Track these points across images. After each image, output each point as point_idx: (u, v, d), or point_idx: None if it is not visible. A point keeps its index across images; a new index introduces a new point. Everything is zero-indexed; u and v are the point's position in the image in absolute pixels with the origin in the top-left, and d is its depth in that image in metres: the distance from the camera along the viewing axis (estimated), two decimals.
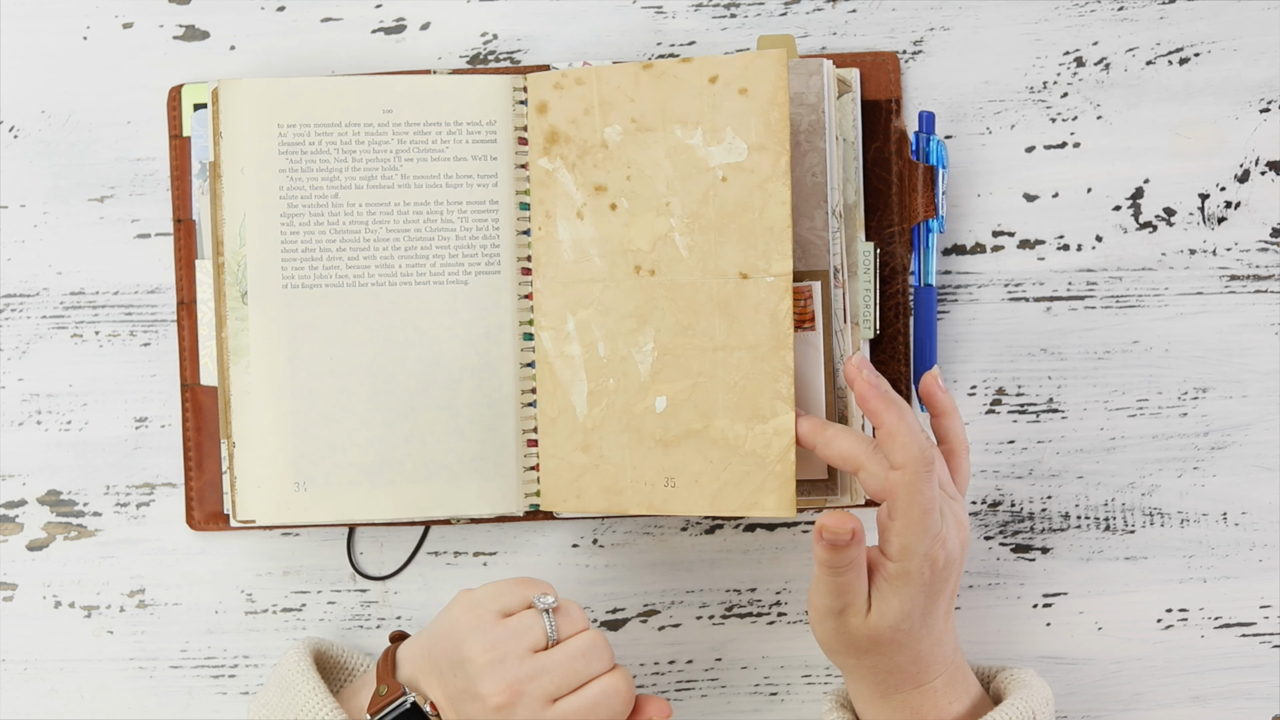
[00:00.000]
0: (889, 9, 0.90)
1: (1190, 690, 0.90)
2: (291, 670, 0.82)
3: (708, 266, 0.82)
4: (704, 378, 0.83)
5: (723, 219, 0.82)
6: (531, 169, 0.87)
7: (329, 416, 0.86)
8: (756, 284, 0.81)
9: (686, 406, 0.83)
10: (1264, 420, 0.90)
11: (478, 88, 0.87)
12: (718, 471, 0.82)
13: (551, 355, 0.86)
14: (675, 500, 0.83)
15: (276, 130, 0.86)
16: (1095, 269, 0.90)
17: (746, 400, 0.82)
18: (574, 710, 0.76)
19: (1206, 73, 0.90)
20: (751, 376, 0.82)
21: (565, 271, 0.86)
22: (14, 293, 0.90)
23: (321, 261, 0.86)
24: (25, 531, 0.90)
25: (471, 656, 0.76)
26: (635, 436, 0.84)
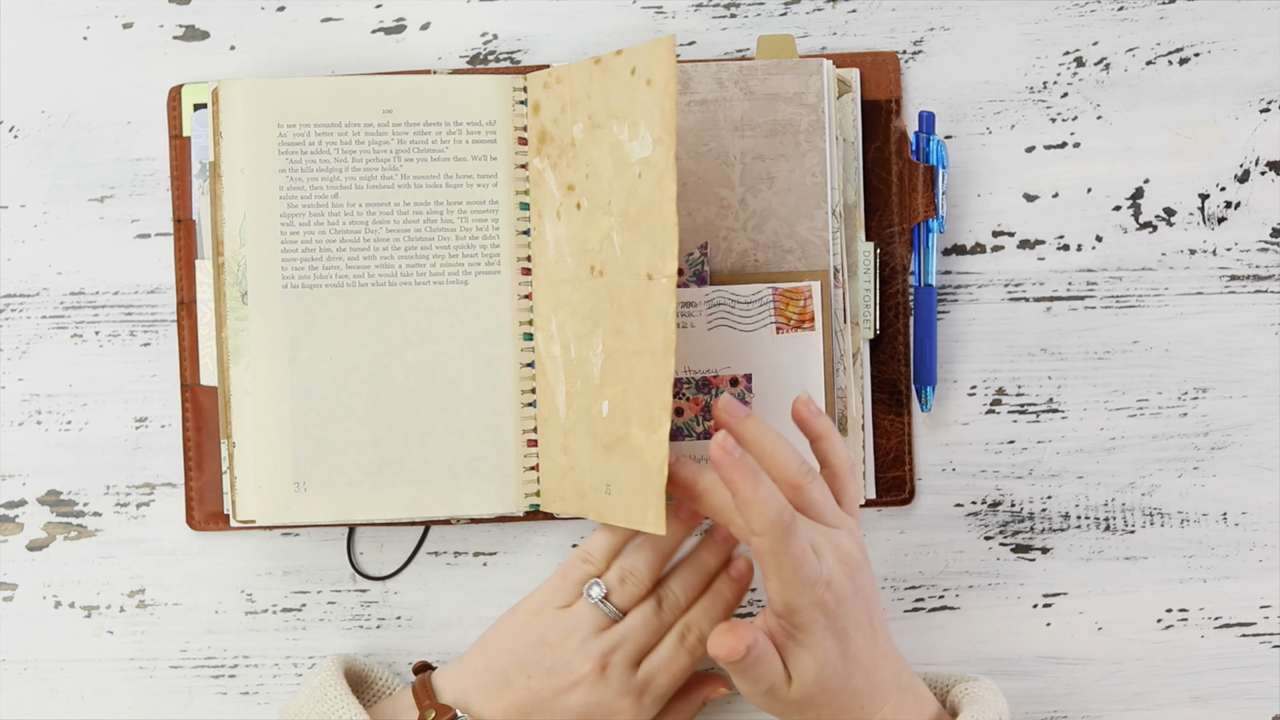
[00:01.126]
0: (889, 9, 0.90)
1: (1190, 690, 0.90)
2: (324, 687, 0.81)
3: (630, 266, 0.80)
4: (628, 383, 0.80)
5: (639, 217, 0.79)
6: (530, 169, 0.87)
7: (329, 416, 0.86)
8: (655, 285, 0.78)
9: (619, 411, 0.80)
10: (1264, 420, 0.90)
11: (478, 88, 0.86)
12: (627, 480, 0.80)
13: (543, 356, 0.86)
14: (611, 508, 0.81)
15: (276, 130, 0.86)
16: (1095, 269, 0.90)
17: (647, 408, 0.78)
18: (656, 667, 0.81)
19: (1206, 73, 0.90)
20: (650, 383, 0.78)
21: (550, 272, 0.86)
22: (14, 293, 0.90)
23: (321, 261, 0.86)
24: (25, 531, 0.90)
25: (554, 643, 0.81)
26: (592, 440, 0.83)
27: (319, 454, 0.86)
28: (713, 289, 0.86)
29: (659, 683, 0.82)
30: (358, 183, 0.86)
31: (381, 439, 0.86)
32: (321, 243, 0.86)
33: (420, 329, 0.86)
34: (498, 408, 0.87)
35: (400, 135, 0.86)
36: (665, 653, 0.82)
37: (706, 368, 0.86)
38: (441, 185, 0.87)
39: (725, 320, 0.86)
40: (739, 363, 0.86)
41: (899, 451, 0.89)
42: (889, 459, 0.89)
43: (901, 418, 0.89)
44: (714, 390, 0.86)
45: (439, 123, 0.86)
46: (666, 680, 0.82)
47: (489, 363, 0.87)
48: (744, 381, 0.86)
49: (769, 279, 0.86)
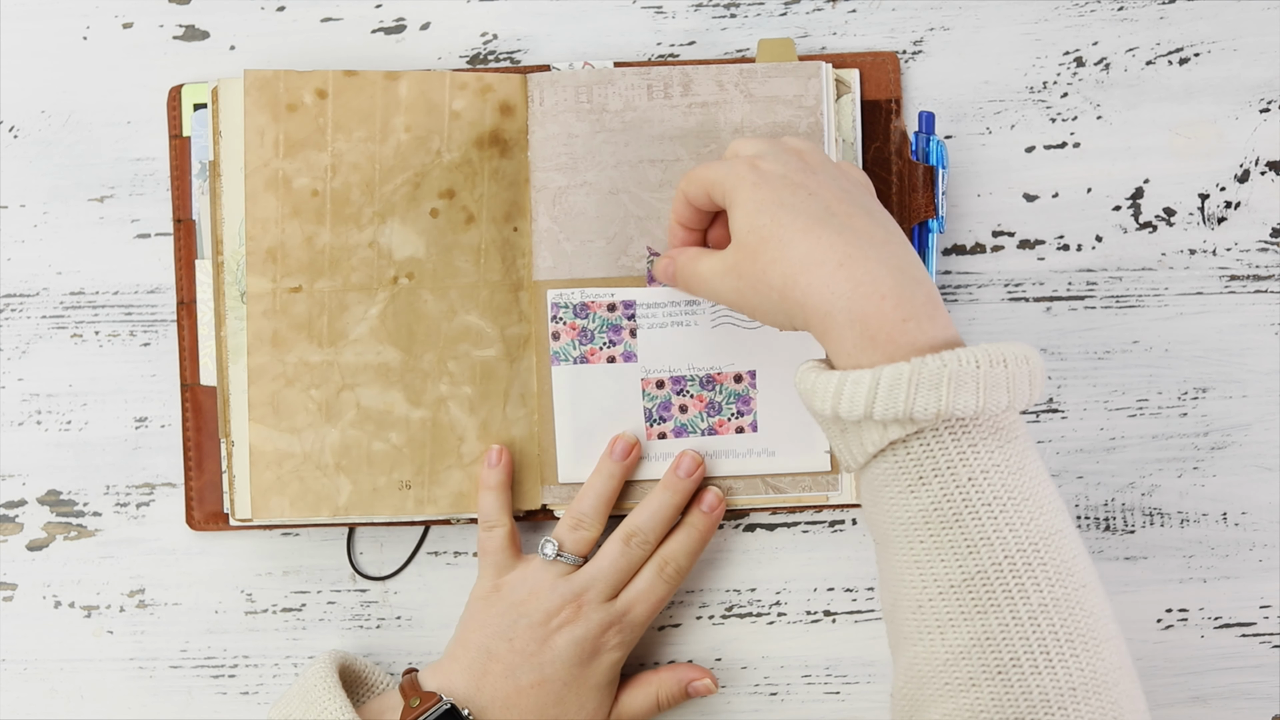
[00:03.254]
0: (889, 9, 0.90)
1: (1190, 690, 0.90)
2: (316, 684, 0.82)
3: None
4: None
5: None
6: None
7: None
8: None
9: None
10: (1264, 420, 0.90)
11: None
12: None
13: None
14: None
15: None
16: (1095, 269, 0.90)
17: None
18: (635, 597, 0.84)
19: (1206, 73, 0.90)
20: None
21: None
22: (14, 293, 0.90)
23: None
24: (25, 531, 0.90)
25: (524, 600, 0.83)
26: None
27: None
28: None
29: (638, 611, 0.84)
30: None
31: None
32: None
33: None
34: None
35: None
36: (644, 582, 0.85)
37: (710, 364, 0.86)
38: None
39: (729, 317, 0.86)
40: (742, 359, 0.86)
41: None
42: None
43: None
44: (718, 386, 0.86)
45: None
46: (645, 609, 0.85)
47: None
48: (748, 377, 0.86)
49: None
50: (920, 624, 0.68)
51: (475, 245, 0.86)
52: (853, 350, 0.69)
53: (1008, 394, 0.68)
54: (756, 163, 0.75)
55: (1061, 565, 0.67)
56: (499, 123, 0.86)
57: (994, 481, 0.68)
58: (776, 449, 0.87)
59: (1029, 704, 0.65)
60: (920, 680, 0.69)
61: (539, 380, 0.87)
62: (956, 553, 0.67)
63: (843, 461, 0.72)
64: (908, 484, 0.69)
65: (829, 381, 0.69)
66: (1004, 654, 0.66)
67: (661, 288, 0.86)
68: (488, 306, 0.86)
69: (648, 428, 0.87)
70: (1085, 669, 0.66)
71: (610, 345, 0.86)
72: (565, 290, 0.86)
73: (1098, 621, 0.68)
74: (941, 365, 0.67)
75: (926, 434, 0.68)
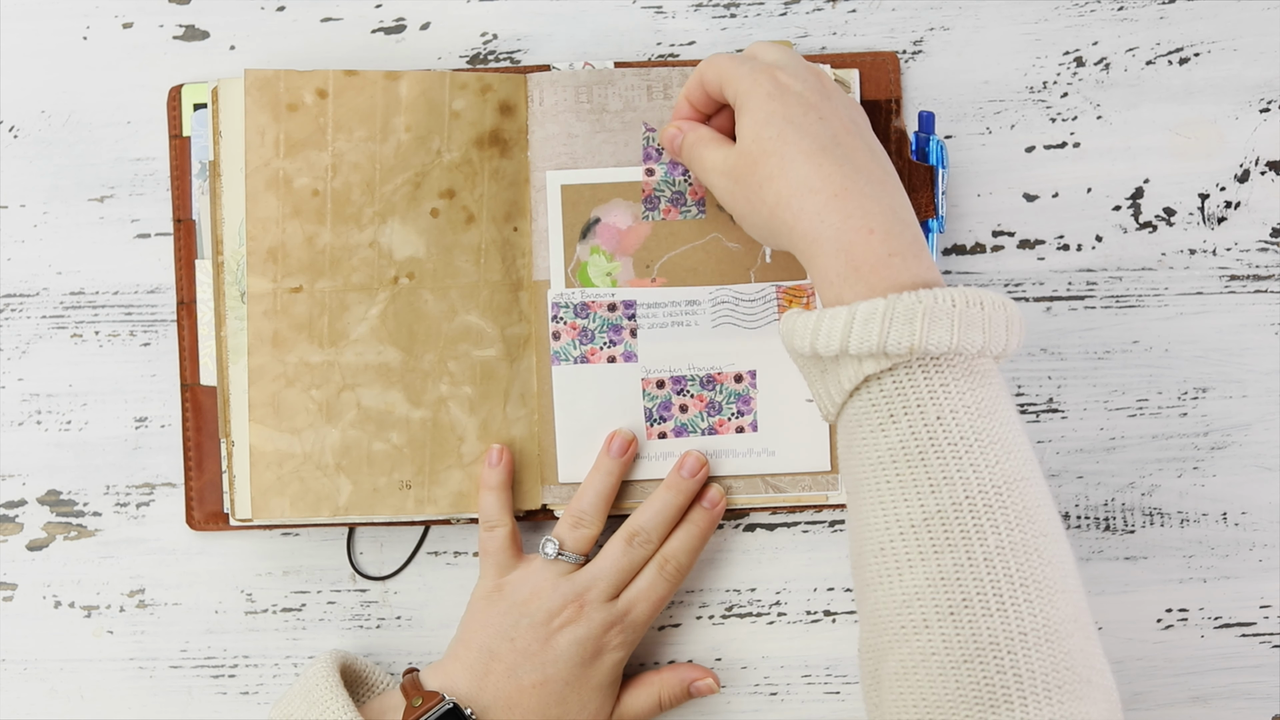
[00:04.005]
0: (889, 9, 0.90)
1: (1190, 690, 0.90)
2: (317, 684, 0.82)
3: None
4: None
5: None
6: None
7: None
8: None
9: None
10: (1264, 420, 0.90)
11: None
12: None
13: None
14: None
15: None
16: (1095, 269, 0.90)
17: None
18: (636, 596, 0.84)
19: (1206, 73, 0.90)
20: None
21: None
22: (14, 293, 0.90)
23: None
24: (25, 531, 0.90)
25: (526, 600, 0.83)
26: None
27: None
28: (716, 287, 0.86)
29: (639, 610, 0.84)
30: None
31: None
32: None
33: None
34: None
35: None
36: (645, 581, 0.85)
37: (711, 364, 0.86)
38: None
39: (729, 317, 0.86)
40: (743, 359, 0.86)
41: None
42: None
43: None
44: (718, 386, 0.86)
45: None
46: (646, 608, 0.85)
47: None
48: (748, 377, 0.86)
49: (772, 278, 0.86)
50: (882, 566, 0.69)
51: (475, 245, 0.86)
52: (835, 279, 0.71)
53: (983, 335, 0.69)
54: (776, 73, 0.76)
55: (1023, 511, 0.68)
56: (499, 122, 0.86)
57: (962, 422, 0.68)
58: (776, 449, 0.87)
59: (977, 646, 0.65)
60: (880, 626, 0.69)
61: (539, 380, 0.87)
62: (919, 491, 0.68)
63: (822, 411, 0.73)
64: (879, 422, 0.69)
65: (808, 320, 0.71)
66: (956, 594, 0.66)
67: (662, 288, 0.86)
68: (488, 306, 0.86)
69: (648, 427, 0.87)
70: (1038, 615, 0.66)
71: (610, 345, 0.86)
72: (566, 290, 0.86)
73: (1055, 570, 0.67)
74: (917, 301, 0.68)
75: (899, 370, 0.69)
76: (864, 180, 0.72)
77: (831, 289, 0.71)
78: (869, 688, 0.71)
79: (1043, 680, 0.65)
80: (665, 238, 0.87)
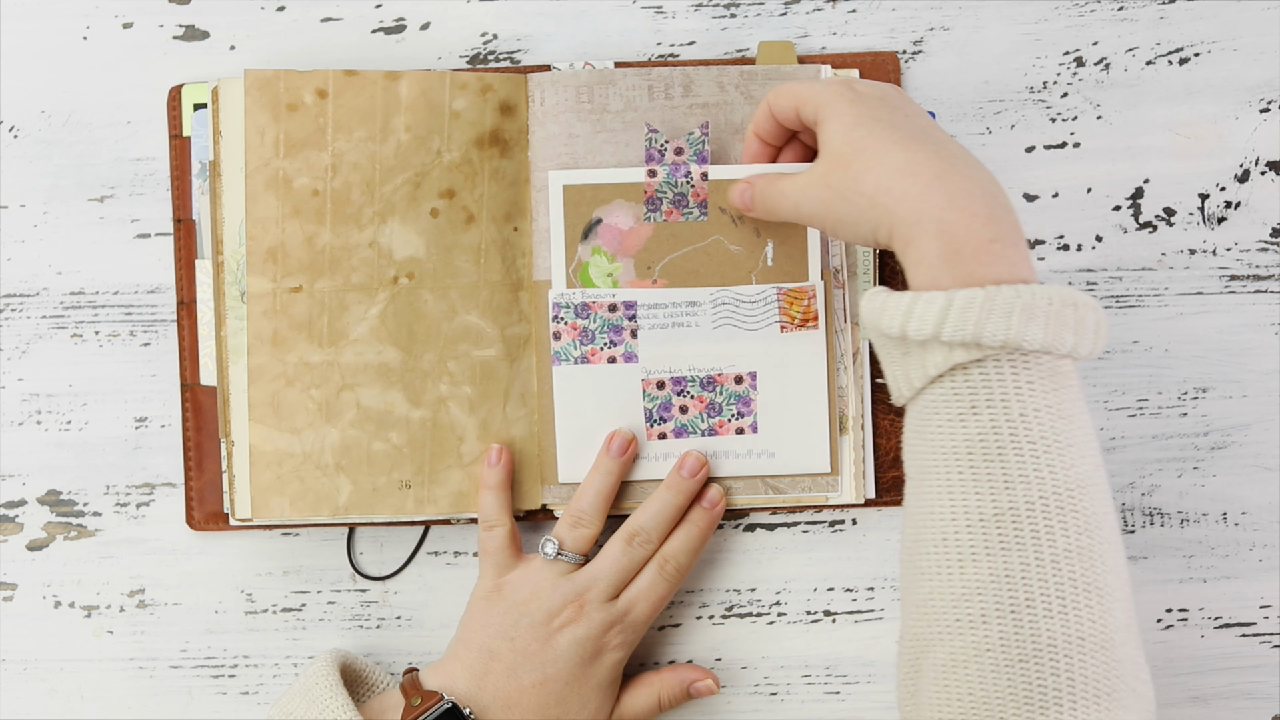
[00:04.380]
0: (889, 9, 0.90)
1: (1190, 690, 0.90)
2: (317, 683, 0.82)
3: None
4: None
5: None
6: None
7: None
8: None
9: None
10: (1264, 420, 0.90)
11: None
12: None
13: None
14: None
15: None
16: (1095, 269, 0.90)
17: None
18: (636, 596, 0.84)
19: (1206, 73, 0.90)
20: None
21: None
22: (14, 293, 0.90)
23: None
24: (25, 531, 0.90)
25: (526, 599, 0.83)
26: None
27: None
28: (717, 289, 0.86)
29: (639, 610, 0.84)
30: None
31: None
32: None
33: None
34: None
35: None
36: (645, 581, 0.85)
37: (711, 366, 0.86)
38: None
39: (730, 319, 0.86)
40: (743, 360, 0.86)
41: (899, 451, 0.89)
42: (889, 459, 0.89)
43: (901, 418, 0.89)
44: (719, 387, 0.86)
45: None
46: (646, 608, 0.85)
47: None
48: (748, 379, 0.86)
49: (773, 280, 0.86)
50: (942, 557, 0.69)
51: (475, 245, 0.86)
52: (935, 261, 0.70)
53: (1074, 335, 0.69)
54: (851, 84, 0.77)
55: (1092, 516, 0.68)
56: (499, 123, 0.86)
57: (1044, 421, 0.69)
58: (776, 450, 0.87)
59: (1035, 646, 0.66)
60: (932, 617, 0.69)
61: (539, 380, 0.87)
62: (993, 486, 0.68)
63: (895, 391, 0.73)
64: (959, 412, 0.70)
65: (900, 300, 0.70)
66: (1020, 593, 0.67)
67: (662, 289, 0.86)
68: (488, 306, 0.87)
69: (648, 428, 0.87)
70: (1096, 622, 0.67)
71: (611, 345, 0.86)
72: (566, 291, 0.86)
73: (1115, 579, 0.68)
74: (1016, 295, 0.68)
75: (988, 363, 0.69)
76: (962, 165, 0.72)
77: (930, 271, 0.70)
78: (906, 676, 0.71)
79: (1094, 686, 0.66)
80: (667, 239, 0.87)
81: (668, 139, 0.86)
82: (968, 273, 0.69)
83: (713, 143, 0.86)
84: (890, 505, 0.89)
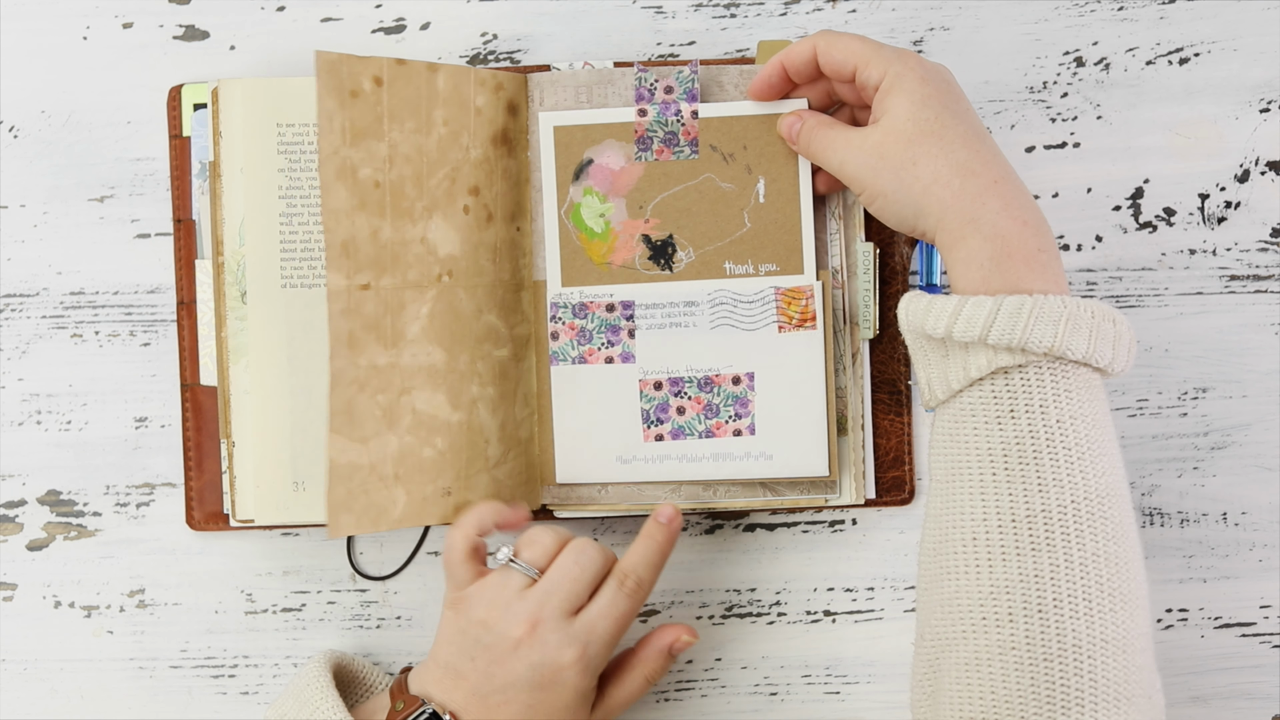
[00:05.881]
0: (889, 9, 0.90)
1: (1190, 690, 0.90)
2: (310, 685, 0.82)
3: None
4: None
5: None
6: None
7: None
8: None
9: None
10: (1264, 420, 0.90)
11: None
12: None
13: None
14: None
15: (275, 130, 0.86)
16: (1095, 269, 0.90)
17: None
18: (596, 615, 0.80)
19: (1206, 73, 0.90)
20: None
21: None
22: (14, 293, 0.90)
23: (320, 261, 0.86)
24: (25, 531, 0.90)
25: (483, 619, 0.80)
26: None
27: (317, 453, 0.86)
28: (715, 288, 0.86)
29: (601, 629, 0.80)
30: None
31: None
32: (320, 242, 0.86)
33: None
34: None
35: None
36: (605, 600, 0.80)
37: (709, 366, 0.86)
38: None
39: (728, 319, 0.86)
40: (741, 361, 0.86)
41: (899, 451, 0.89)
42: (889, 459, 0.89)
43: (901, 418, 0.89)
44: (716, 388, 0.86)
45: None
46: (608, 626, 0.80)
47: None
48: (746, 380, 0.86)
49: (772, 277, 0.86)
50: (971, 556, 0.71)
51: (493, 244, 0.86)
52: (986, 263, 0.72)
53: (1112, 349, 0.72)
54: (920, 60, 0.77)
55: (1118, 523, 0.70)
56: (506, 122, 0.86)
57: (1079, 429, 0.71)
58: (774, 452, 0.86)
59: (1060, 646, 0.68)
60: (956, 615, 0.71)
61: (539, 380, 0.87)
62: (1026, 489, 0.70)
63: (929, 393, 0.75)
64: (997, 415, 0.72)
65: (947, 303, 0.72)
66: (1048, 594, 0.69)
67: (661, 286, 0.86)
68: (501, 306, 0.86)
69: (645, 429, 0.87)
70: (1120, 626, 0.69)
71: (609, 346, 0.86)
72: (564, 290, 0.86)
73: (1137, 586, 0.70)
74: (1062, 305, 0.70)
75: (1029, 369, 0.71)
76: (1013, 175, 0.75)
77: (979, 271, 0.72)
78: (923, 678, 0.72)
79: (1114, 690, 0.68)
80: (658, 178, 0.86)
81: (656, 78, 0.86)
82: (1016, 278, 0.72)
83: (708, 91, 0.86)
84: (890, 505, 0.89)
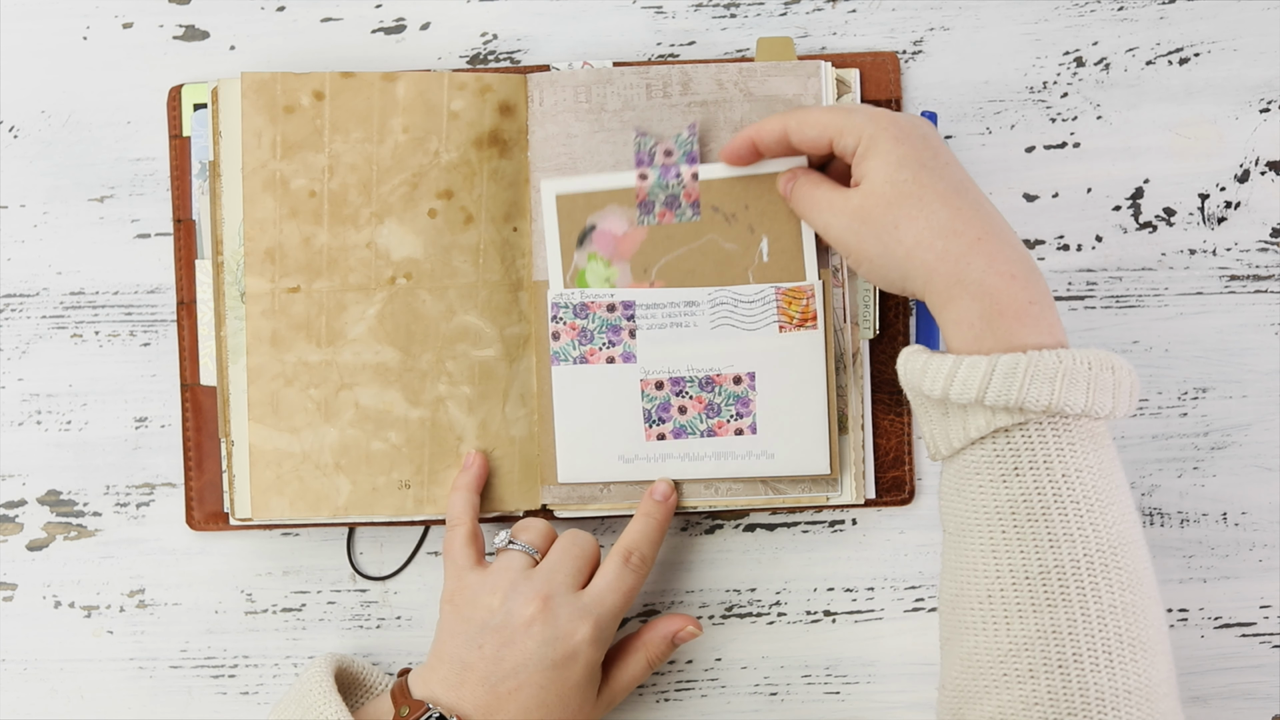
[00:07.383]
0: (889, 9, 0.90)
1: (1190, 690, 0.90)
2: (312, 688, 0.81)
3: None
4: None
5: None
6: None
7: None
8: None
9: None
10: (1264, 420, 0.90)
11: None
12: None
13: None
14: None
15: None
16: (1095, 269, 0.90)
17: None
18: (604, 588, 0.82)
19: (1206, 73, 0.90)
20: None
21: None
22: (14, 293, 0.90)
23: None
24: (25, 531, 0.90)
25: (489, 605, 0.81)
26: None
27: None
28: (715, 289, 0.86)
29: (610, 602, 0.82)
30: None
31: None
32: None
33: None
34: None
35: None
36: (611, 574, 0.83)
37: (710, 366, 0.86)
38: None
39: (728, 319, 0.86)
40: (742, 361, 0.86)
41: (899, 451, 0.89)
42: (889, 459, 0.89)
43: (901, 418, 0.89)
44: (718, 388, 0.86)
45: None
46: (616, 600, 0.82)
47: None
48: (747, 379, 0.86)
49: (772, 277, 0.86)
50: (987, 614, 0.71)
51: (474, 245, 0.86)
52: (977, 323, 0.72)
53: (1112, 399, 0.71)
54: (893, 117, 0.77)
55: (1134, 572, 0.70)
56: (498, 123, 0.86)
57: (1085, 482, 0.71)
58: (776, 451, 0.86)
59: (1084, 700, 0.68)
60: (976, 671, 0.71)
61: (539, 380, 0.87)
62: (1038, 545, 0.70)
63: (932, 448, 0.75)
64: (1001, 473, 0.72)
65: (943, 363, 0.72)
66: (1068, 649, 0.69)
67: (661, 289, 0.86)
68: (486, 306, 0.87)
69: (647, 429, 0.87)
70: (1141, 675, 0.69)
71: (610, 346, 0.86)
72: (565, 290, 0.86)
73: (1157, 633, 0.70)
74: (1057, 361, 0.70)
75: (1030, 426, 0.71)
76: (998, 227, 0.74)
77: (970, 331, 0.72)
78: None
79: None
80: (661, 241, 0.86)
81: (655, 141, 0.86)
82: (1009, 335, 0.72)
83: (711, 141, 0.86)
84: (890, 505, 0.89)
